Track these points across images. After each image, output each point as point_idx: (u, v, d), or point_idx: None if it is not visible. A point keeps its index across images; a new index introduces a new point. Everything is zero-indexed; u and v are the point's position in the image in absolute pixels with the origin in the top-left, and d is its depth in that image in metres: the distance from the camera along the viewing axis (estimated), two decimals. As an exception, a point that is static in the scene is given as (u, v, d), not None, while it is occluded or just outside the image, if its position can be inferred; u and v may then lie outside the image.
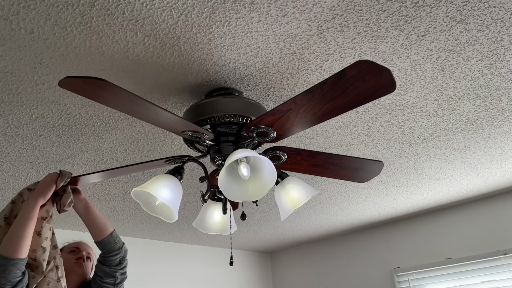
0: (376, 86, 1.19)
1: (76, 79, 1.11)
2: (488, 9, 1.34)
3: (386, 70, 1.13)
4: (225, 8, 1.26)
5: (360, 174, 1.78)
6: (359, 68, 1.13)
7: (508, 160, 2.55)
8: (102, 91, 1.17)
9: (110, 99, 1.21)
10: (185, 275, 3.89)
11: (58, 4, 1.21)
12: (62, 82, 1.11)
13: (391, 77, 1.15)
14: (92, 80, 1.10)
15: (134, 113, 1.30)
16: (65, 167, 2.22)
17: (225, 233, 1.66)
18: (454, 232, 3.40)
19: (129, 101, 1.22)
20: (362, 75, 1.15)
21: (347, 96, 1.25)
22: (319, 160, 1.66)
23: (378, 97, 1.24)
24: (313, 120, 1.38)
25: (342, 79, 1.17)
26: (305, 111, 1.32)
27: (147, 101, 1.21)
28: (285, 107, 1.31)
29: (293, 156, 1.63)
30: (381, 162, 1.72)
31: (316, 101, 1.27)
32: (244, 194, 1.36)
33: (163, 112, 1.28)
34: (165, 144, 2.06)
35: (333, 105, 1.29)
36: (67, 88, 1.15)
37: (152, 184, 1.36)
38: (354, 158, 1.67)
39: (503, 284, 3.07)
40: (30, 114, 1.74)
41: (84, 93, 1.18)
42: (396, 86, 1.19)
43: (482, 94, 1.81)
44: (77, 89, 1.16)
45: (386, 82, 1.18)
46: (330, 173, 1.75)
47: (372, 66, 1.11)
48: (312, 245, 4.33)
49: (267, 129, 1.41)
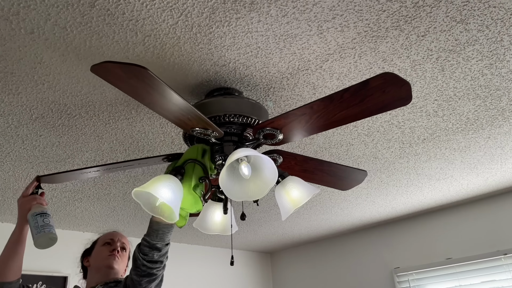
0: (393, 98, 1.22)
1: (115, 64, 1.06)
2: (488, 9, 1.34)
3: (406, 84, 1.16)
4: (225, 8, 1.26)
5: (344, 182, 1.82)
6: (383, 79, 1.14)
7: (508, 160, 2.55)
8: (136, 81, 1.13)
9: (140, 89, 1.18)
10: (185, 275, 3.89)
11: (58, 4, 1.21)
12: (97, 67, 1.07)
13: (409, 91, 1.18)
14: (132, 67, 1.06)
15: (154, 105, 1.27)
16: (65, 167, 2.22)
17: (225, 233, 1.66)
18: (454, 232, 3.40)
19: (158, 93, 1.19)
20: (384, 87, 1.17)
21: (363, 105, 1.26)
22: (310, 166, 1.68)
23: (392, 108, 1.27)
24: (322, 126, 1.38)
25: (364, 88, 1.19)
26: (318, 117, 1.32)
27: (179, 95, 1.19)
28: (300, 111, 1.30)
29: (288, 160, 1.64)
30: (365, 171, 1.76)
31: (333, 108, 1.28)
32: (245, 194, 1.36)
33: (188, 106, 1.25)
34: (165, 144, 2.06)
35: (348, 113, 1.30)
36: (100, 74, 1.11)
37: (153, 184, 1.36)
38: (341, 166, 1.69)
39: (503, 284, 3.07)
40: (30, 114, 1.73)
41: (114, 81, 1.14)
42: (411, 99, 1.21)
43: (482, 94, 1.81)
44: (111, 76, 1.12)
45: (404, 96, 1.20)
46: (317, 180, 1.78)
47: (396, 78, 1.14)
48: (312, 245, 4.33)
49: (275, 131, 1.42)
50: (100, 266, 1.69)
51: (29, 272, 2.91)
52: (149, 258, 1.40)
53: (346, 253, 4.04)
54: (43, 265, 2.91)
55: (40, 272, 2.97)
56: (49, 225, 1.43)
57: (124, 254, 1.77)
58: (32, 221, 1.43)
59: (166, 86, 1.16)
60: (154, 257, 1.41)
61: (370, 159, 2.39)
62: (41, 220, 1.42)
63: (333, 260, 4.12)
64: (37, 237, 1.41)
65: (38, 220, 1.42)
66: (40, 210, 1.46)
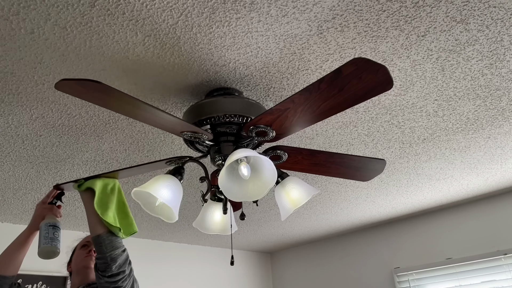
0: (373, 83, 1.18)
1: (71, 81, 1.08)
2: (488, 9, 1.34)
3: (382, 67, 1.12)
4: (225, 8, 1.26)
5: (363, 173, 1.76)
6: (355, 65, 1.12)
7: (508, 160, 2.55)
8: (98, 93, 1.15)
9: (107, 101, 1.20)
10: (185, 275, 3.89)
11: (58, 4, 1.21)
12: (58, 84, 1.10)
13: (387, 74, 1.14)
14: (87, 82, 1.08)
15: (132, 114, 1.29)
16: (65, 167, 2.22)
17: (225, 233, 1.66)
18: (454, 232, 3.40)
19: (126, 103, 1.21)
20: (359, 73, 1.14)
21: (344, 94, 1.24)
22: (320, 159, 1.65)
23: (375, 94, 1.23)
24: (311, 118, 1.37)
25: (339, 77, 1.17)
26: (303, 110, 1.32)
27: (144, 102, 1.21)
28: (283, 106, 1.30)
29: (294, 155, 1.62)
30: (383, 160, 1.70)
31: (314, 100, 1.27)
32: (245, 194, 1.36)
33: (160, 113, 1.27)
34: (165, 144, 2.06)
35: (331, 103, 1.29)
36: (64, 90, 1.13)
37: (153, 185, 1.36)
38: (356, 157, 1.65)
39: (503, 284, 3.07)
40: (30, 114, 1.74)
41: (81, 96, 1.17)
42: (393, 83, 1.18)
43: (482, 94, 1.81)
44: (74, 91, 1.15)
45: (383, 80, 1.16)
46: (332, 172, 1.73)
47: (368, 63, 1.10)
48: (312, 245, 4.33)
49: (266, 128, 1.41)
50: (79, 268, 1.74)
51: (29, 272, 2.90)
52: (108, 273, 1.37)
53: (346, 253, 4.04)
54: (43, 265, 2.91)
55: (40, 272, 2.97)
56: (57, 239, 1.51)
57: None
58: (43, 230, 1.51)
59: (132, 98, 1.18)
60: (113, 269, 1.37)
61: (370, 159, 2.39)
62: (52, 232, 1.50)
63: (333, 260, 4.12)
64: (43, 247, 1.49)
65: (49, 232, 1.50)
66: (54, 222, 1.53)
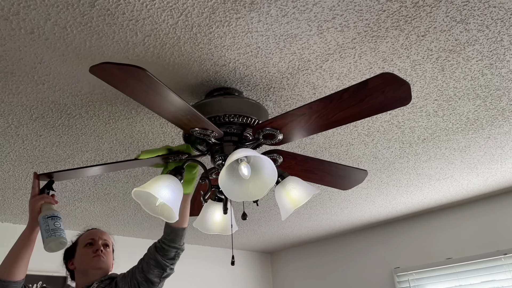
0: (393, 98, 1.21)
1: (112, 65, 1.06)
2: (488, 9, 1.34)
3: (405, 84, 1.16)
4: (225, 8, 1.26)
5: (345, 182, 1.82)
6: (382, 79, 1.14)
7: (508, 160, 2.55)
8: (137, 82, 1.13)
9: (137, 90, 1.17)
10: (185, 275, 3.88)
11: (58, 4, 1.21)
12: (95, 68, 1.07)
13: (409, 91, 1.18)
14: (131, 68, 1.06)
15: (152, 105, 1.27)
16: (65, 167, 2.22)
17: (225, 233, 1.66)
18: (454, 232, 3.40)
19: (157, 94, 1.19)
20: (383, 87, 1.17)
21: (363, 106, 1.26)
22: (310, 166, 1.68)
23: (391, 109, 1.26)
24: (322, 126, 1.38)
25: (364, 88, 1.19)
26: (317, 117, 1.32)
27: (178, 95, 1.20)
28: (299, 112, 1.31)
29: (288, 160, 1.64)
30: (365, 171, 1.75)
31: (332, 108, 1.28)
32: (245, 194, 1.36)
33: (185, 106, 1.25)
34: (165, 144, 2.06)
35: (347, 113, 1.30)
36: (99, 75, 1.11)
37: (153, 184, 1.36)
38: (341, 166, 1.69)
39: (503, 284, 3.07)
40: (30, 114, 1.74)
41: (115, 83, 1.14)
42: (411, 100, 1.21)
43: (482, 94, 1.81)
44: (109, 77, 1.12)
45: (403, 96, 1.20)
46: (318, 179, 1.78)
47: (394, 78, 1.14)
48: (312, 245, 4.33)
49: (275, 131, 1.42)
50: (86, 268, 1.67)
51: (29, 272, 2.87)
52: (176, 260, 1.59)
53: (346, 253, 4.04)
54: (43, 265, 2.91)
55: (40, 272, 2.96)
56: (60, 229, 1.42)
57: (108, 251, 1.75)
58: (43, 224, 1.42)
59: (165, 87, 1.16)
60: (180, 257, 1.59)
61: (370, 159, 2.39)
62: (52, 223, 1.41)
63: (333, 260, 4.12)
64: (48, 241, 1.41)
65: (49, 223, 1.41)
66: (51, 213, 1.44)
